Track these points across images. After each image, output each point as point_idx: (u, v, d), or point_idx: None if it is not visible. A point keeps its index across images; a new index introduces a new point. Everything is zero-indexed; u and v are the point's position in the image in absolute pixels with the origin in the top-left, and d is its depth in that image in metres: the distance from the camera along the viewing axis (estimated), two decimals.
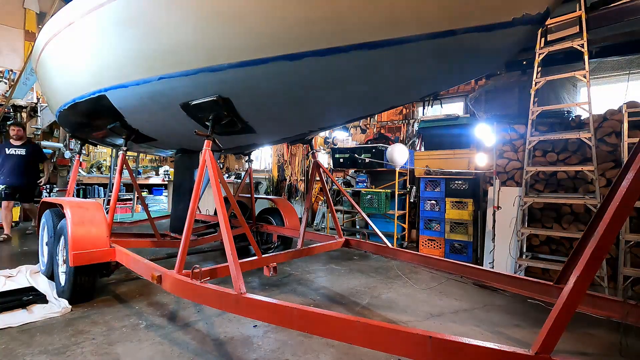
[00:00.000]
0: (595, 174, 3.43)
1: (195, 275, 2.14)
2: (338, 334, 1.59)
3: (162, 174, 10.18)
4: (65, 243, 2.86)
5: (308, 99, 2.40)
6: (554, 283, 2.14)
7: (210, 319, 2.70)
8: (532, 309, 3.03)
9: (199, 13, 2.16)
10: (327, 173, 3.95)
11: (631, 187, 1.31)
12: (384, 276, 3.96)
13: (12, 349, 2.18)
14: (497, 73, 5.36)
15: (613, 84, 5.36)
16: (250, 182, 4.80)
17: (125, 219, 6.65)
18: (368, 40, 1.79)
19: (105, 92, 2.86)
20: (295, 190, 8.53)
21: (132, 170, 4.39)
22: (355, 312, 2.93)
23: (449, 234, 5.02)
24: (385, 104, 2.58)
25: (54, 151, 8.01)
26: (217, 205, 2.26)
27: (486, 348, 1.31)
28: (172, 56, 2.37)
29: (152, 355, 2.15)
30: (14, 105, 7.30)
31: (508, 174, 4.53)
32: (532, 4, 1.53)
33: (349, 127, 8.00)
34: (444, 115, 6.21)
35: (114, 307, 2.90)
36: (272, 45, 2.00)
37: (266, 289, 3.44)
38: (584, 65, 3.52)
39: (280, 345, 2.31)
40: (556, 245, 4.15)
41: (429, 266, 2.85)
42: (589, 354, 2.34)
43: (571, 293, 1.30)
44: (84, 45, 2.89)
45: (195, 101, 2.51)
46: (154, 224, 3.85)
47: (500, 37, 1.65)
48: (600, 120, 3.92)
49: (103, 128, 3.50)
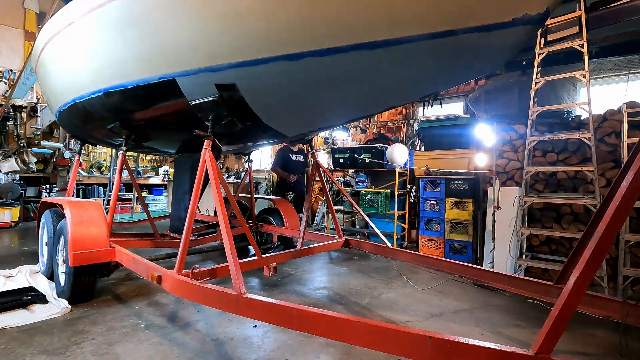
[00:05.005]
0: (595, 174, 3.43)
1: (195, 276, 2.13)
2: (338, 334, 1.59)
3: (162, 174, 10.18)
4: (65, 243, 2.86)
5: (308, 99, 2.40)
6: (553, 283, 2.14)
7: (210, 319, 2.70)
8: (532, 309, 3.03)
9: (199, 13, 2.16)
10: (327, 173, 3.95)
11: (631, 187, 1.31)
12: (384, 276, 3.96)
13: (12, 349, 2.17)
14: (497, 73, 5.36)
15: (613, 84, 5.37)
16: (250, 182, 4.80)
17: (125, 219, 6.65)
18: (368, 40, 1.79)
19: (105, 92, 2.86)
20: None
21: (132, 170, 4.39)
22: (355, 312, 2.93)
23: (449, 234, 5.02)
24: (385, 104, 2.58)
25: (53, 151, 8.01)
26: (217, 205, 2.26)
27: (486, 348, 1.31)
28: (172, 56, 2.37)
29: (152, 356, 2.15)
30: (14, 105, 7.30)
31: (508, 174, 4.53)
32: (532, 4, 1.53)
33: (349, 127, 8.00)
34: (444, 116, 6.21)
35: (114, 307, 2.90)
36: (272, 45, 2.00)
37: (266, 289, 3.44)
38: (584, 65, 3.52)
39: (280, 345, 2.31)
40: (556, 245, 4.15)
41: (428, 266, 2.85)
42: (589, 354, 2.33)
43: (571, 293, 1.30)
44: (84, 45, 2.89)
45: (195, 101, 2.51)
46: (154, 224, 3.86)
47: (500, 37, 1.65)
48: (600, 120, 3.92)
49: (103, 128, 3.50)
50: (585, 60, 3.52)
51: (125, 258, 2.77)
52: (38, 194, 7.86)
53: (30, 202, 7.69)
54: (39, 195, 7.67)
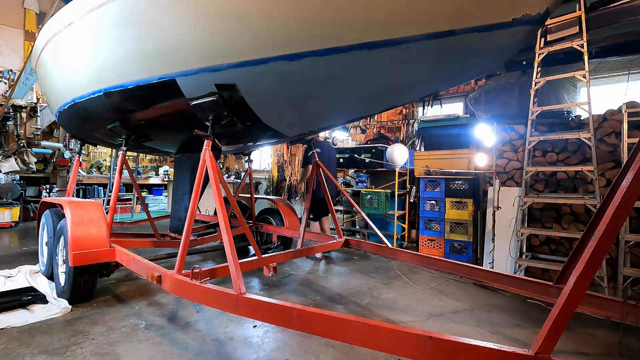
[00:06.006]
0: (595, 174, 3.43)
1: (195, 276, 2.13)
2: (338, 334, 1.59)
3: (162, 174, 10.18)
4: (65, 243, 2.86)
5: (308, 99, 2.40)
6: (553, 283, 2.14)
7: (210, 319, 2.70)
8: (532, 309, 3.03)
9: (199, 13, 2.16)
10: (327, 173, 3.95)
11: (631, 187, 1.31)
12: (384, 276, 3.96)
13: (12, 349, 2.18)
14: (497, 73, 5.35)
15: (613, 84, 5.37)
16: (250, 182, 4.80)
17: (125, 219, 6.66)
18: (368, 40, 1.79)
19: (105, 92, 2.86)
20: (295, 190, 8.52)
21: (132, 170, 4.39)
22: (355, 312, 2.93)
23: (449, 234, 5.02)
24: (385, 104, 2.58)
25: (53, 151, 8.01)
26: (217, 205, 2.26)
27: (486, 348, 1.31)
28: (172, 56, 2.37)
29: (152, 355, 2.15)
30: (14, 105, 7.30)
31: (508, 174, 4.53)
32: (531, 4, 1.53)
33: (349, 127, 8.00)
34: (444, 116, 6.20)
35: (114, 307, 2.90)
36: (272, 45, 2.00)
37: (266, 289, 3.44)
38: (584, 65, 3.52)
39: (280, 345, 2.31)
40: (556, 245, 4.14)
41: (428, 266, 2.85)
42: (589, 354, 2.34)
43: (571, 293, 1.30)
44: (84, 45, 2.89)
45: (195, 101, 2.51)
46: (154, 224, 3.86)
47: (500, 37, 1.65)
48: (600, 120, 3.92)
49: (103, 128, 3.50)
50: (585, 60, 3.52)
51: (125, 258, 2.77)
52: (38, 194, 7.86)
53: (30, 202, 7.69)
54: (39, 195, 7.67)
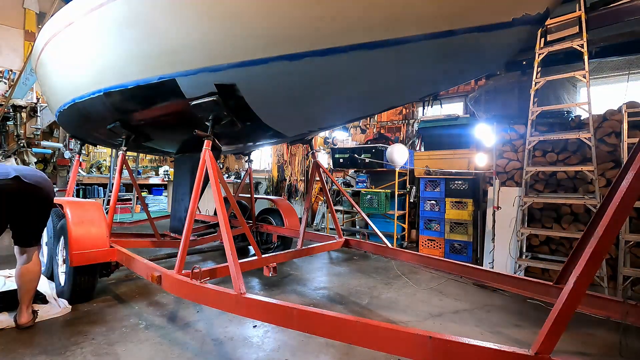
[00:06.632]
0: (595, 174, 3.43)
1: (195, 276, 2.13)
2: (338, 334, 1.59)
3: (162, 174, 10.18)
4: (65, 243, 2.86)
5: (308, 99, 2.40)
6: (553, 283, 2.14)
7: (210, 319, 2.70)
8: (532, 309, 3.03)
9: (199, 13, 2.16)
10: (327, 173, 3.95)
11: (631, 187, 1.31)
12: (384, 276, 3.96)
13: (12, 349, 2.17)
14: (497, 73, 5.35)
15: (613, 84, 5.36)
16: (250, 182, 4.80)
17: (125, 219, 6.65)
18: (368, 40, 1.79)
19: (105, 92, 2.86)
20: (295, 190, 8.52)
21: (132, 170, 4.39)
22: (355, 312, 2.93)
23: (449, 234, 5.02)
24: (385, 104, 2.58)
25: (53, 151, 8.01)
26: (217, 206, 2.26)
27: (486, 348, 1.31)
28: (172, 56, 2.37)
29: (152, 355, 2.15)
30: (14, 105, 7.30)
31: (508, 174, 4.53)
32: (532, 4, 1.53)
33: (349, 127, 8.00)
34: (444, 116, 6.20)
35: (114, 307, 2.89)
36: (272, 45, 2.00)
37: (266, 289, 3.44)
38: (584, 65, 3.52)
39: (280, 345, 2.31)
40: (556, 246, 4.14)
41: (428, 266, 2.85)
42: (589, 354, 2.33)
43: (571, 293, 1.30)
44: (84, 45, 2.89)
45: (195, 101, 2.51)
46: (154, 224, 3.86)
47: (500, 37, 1.65)
48: (600, 120, 3.92)
49: (103, 128, 3.50)
50: (585, 60, 3.51)
51: (125, 258, 2.77)
52: None
53: None
54: None
